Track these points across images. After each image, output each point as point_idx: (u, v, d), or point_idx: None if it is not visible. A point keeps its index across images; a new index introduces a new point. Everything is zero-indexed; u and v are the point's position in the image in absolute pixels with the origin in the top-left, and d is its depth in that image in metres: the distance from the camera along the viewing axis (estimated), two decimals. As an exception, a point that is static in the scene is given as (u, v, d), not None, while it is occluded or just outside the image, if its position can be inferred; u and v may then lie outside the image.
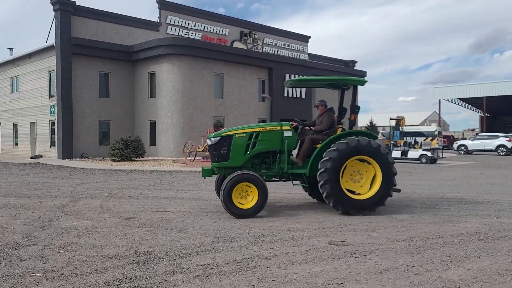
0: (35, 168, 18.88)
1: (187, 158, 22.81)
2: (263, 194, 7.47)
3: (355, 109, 8.62)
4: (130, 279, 4.28)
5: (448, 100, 50.79)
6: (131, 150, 22.25)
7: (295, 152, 8.54)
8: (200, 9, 32.56)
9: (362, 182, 7.94)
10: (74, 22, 24.37)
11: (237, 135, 8.03)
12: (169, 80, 25.17)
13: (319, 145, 8.06)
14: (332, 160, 7.52)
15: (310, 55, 39.71)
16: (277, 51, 36.96)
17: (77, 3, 24.32)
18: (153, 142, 26.12)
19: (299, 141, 8.43)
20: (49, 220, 7.31)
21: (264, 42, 36.09)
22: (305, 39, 39.89)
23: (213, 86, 26.62)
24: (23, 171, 17.42)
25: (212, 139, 8.16)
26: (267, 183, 7.90)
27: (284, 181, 8.55)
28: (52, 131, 25.34)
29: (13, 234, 6.23)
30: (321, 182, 7.55)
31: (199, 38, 31.33)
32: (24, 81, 27.95)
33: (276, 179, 8.47)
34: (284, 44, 37.78)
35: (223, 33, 33.15)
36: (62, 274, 4.43)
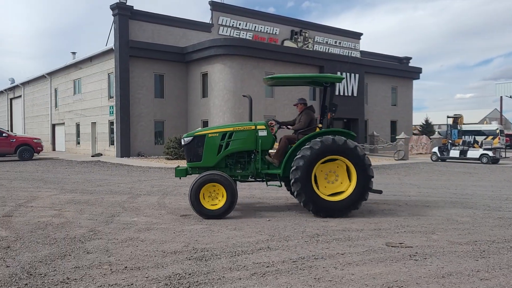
0: (96, 166, 19.85)
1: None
2: (231, 195, 7.32)
3: (332, 107, 8.17)
4: (189, 274, 4.41)
5: (510, 97, 47.95)
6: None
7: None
8: (251, 9, 32.82)
9: (337, 183, 7.68)
10: (132, 26, 25.37)
11: (210, 135, 7.95)
12: (220, 80, 25.57)
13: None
14: (304, 159, 7.31)
15: (362, 52, 38.88)
16: (328, 49, 36.51)
17: (134, 8, 25.29)
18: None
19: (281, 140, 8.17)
20: (111, 215, 7.67)
21: (315, 40, 35.77)
22: (357, 36, 39.10)
23: (264, 85, 26.72)
24: (86, 169, 18.37)
25: (185, 139, 8.11)
26: (246, 184, 7.70)
27: (260, 181, 8.32)
28: (111, 131, 26.52)
29: (79, 228, 6.59)
30: (292, 180, 7.37)
31: (250, 38, 31.56)
32: (85, 83, 29.45)
33: (252, 180, 8.31)
34: (335, 42, 37.24)
35: (274, 33, 33.20)
36: (126, 267, 4.64)
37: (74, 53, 33.38)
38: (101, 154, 26.95)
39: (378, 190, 8.11)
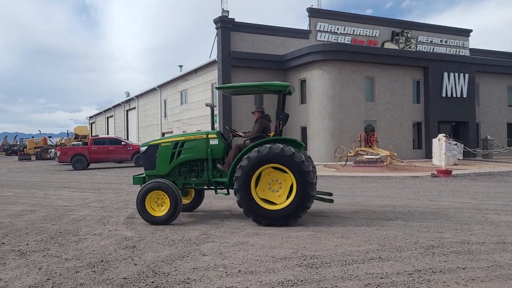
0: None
1: (338, 163, 22.72)
2: (174, 202, 7.47)
3: (280, 116, 8.01)
4: (301, 281, 4.45)
5: None
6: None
7: None
8: (348, 13, 32.28)
9: (281, 191, 7.45)
10: (233, 37, 26.46)
11: (163, 144, 8.15)
12: (319, 86, 25.48)
13: None
14: (242, 168, 7.27)
15: (472, 50, 36.02)
16: (433, 48, 34.45)
17: (235, 20, 26.36)
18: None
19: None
20: (221, 219, 8.04)
21: (418, 40, 33.99)
22: (465, 33, 36.35)
23: (364, 89, 26.05)
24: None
25: (142, 148, 8.37)
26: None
27: (212, 189, 8.25)
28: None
29: (194, 231, 7.01)
30: (234, 190, 7.39)
31: (349, 42, 31.04)
32: (191, 94, 31.34)
33: (206, 188, 8.35)
34: (441, 41, 35.01)
35: (373, 35, 32.26)
36: (240, 271, 4.83)
37: (181, 66, 35.78)
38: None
39: (328, 199, 8.21)
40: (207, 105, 9.20)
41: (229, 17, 26.35)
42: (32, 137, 49.19)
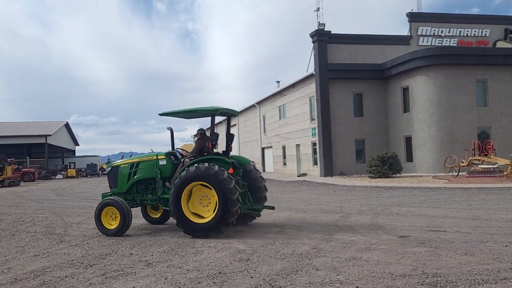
0: (303, 185, 20.97)
1: (449, 173, 21.19)
2: (123, 217, 8.37)
3: (212, 136, 8.81)
4: (426, 300, 4.20)
5: None
6: (387, 166, 22.21)
7: None
8: (453, 14, 30.34)
9: (210, 206, 8.06)
10: (330, 50, 26.35)
11: (122, 165, 9.26)
12: (423, 92, 24.17)
13: None
14: (174, 185, 8.03)
15: None
16: (557, 43, 30.77)
17: (332, 32, 26.25)
18: (409, 158, 25.40)
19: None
20: (329, 234, 7.94)
21: (537, 35, 30.65)
22: None
23: (474, 94, 24.12)
24: (294, 188, 19.59)
25: (107, 169, 9.67)
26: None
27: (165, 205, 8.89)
28: (314, 151, 27.73)
29: (303, 245, 7.01)
30: (169, 204, 8.18)
31: (455, 45, 29.09)
32: (289, 108, 31.72)
33: (159, 203, 9.17)
34: None
35: (483, 35, 29.85)
36: (357, 287, 4.71)
37: (278, 81, 36.51)
38: (306, 174, 28.36)
39: (255, 213, 8.73)
40: (167, 129, 10.10)
41: (325, 29, 26.32)
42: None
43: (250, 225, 9.27)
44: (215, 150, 9.14)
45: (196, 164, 8.02)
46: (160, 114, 9.50)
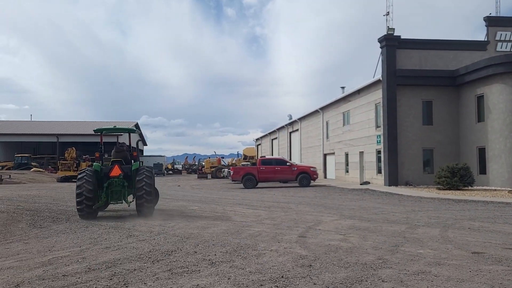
0: (366, 194, 20.42)
1: (528, 189, 19.65)
2: None
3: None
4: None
5: None
6: (458, 178, 21.03)
7: None
8: (537, 17, 28.14)
9: None
10: (399, 55, 25.51)
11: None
12: (500, 101, 22.66)
13: None
14: None
15: None
16: None
17: (401, 37, 25.42)
18: (482, 170, 23.87)
19: None
20: (395, 245, 7.66)
21: None
22: None
23: (561, 103, 22.20)
24: (357, 196, 19.13)
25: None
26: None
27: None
28: (378, 159, 26.92)
29: (367, 255, 6.82)
30: None
31: (538, 50, 27.01)
32: (353, 115, 31.09)
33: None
34: None
35: None
36: (426, 302, 4.49)
37: (343, 87, 35.91)
38: (369, 182, 27.60)
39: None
40: (138, 141, 13.01)
41: (394, 34, 25.53)
42: (209, 157, 54.83)
43: (312, 232, 9.18)
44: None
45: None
46: (95, 131, 12.86)
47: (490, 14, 27.63)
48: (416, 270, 5.85)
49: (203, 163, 51.03)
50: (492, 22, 27.09)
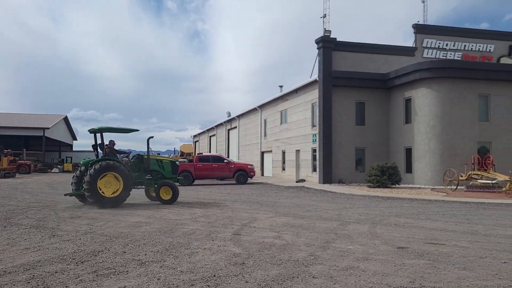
0: (302, 192, 20.85)
1: (448, 187, 21.10)
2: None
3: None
4: (424, 314, 4.09)
5: None
6: (387, 177, 22.10)
7: None
8: (459, 28, 30.32)
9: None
10: (334, 57, 26.31)
11: None
12: (426, 105, 24.11)
13: None
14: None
15: None
16: (561, 62, 30.78)
17: (337, 39, 26.22)
18: (409, 169, 25.31)
19: None
20: (327, 241, 7.83)
21: (542, 53, 30.64)
22: None
23: (477, 108, 24.06)
24: (292, 194, 19.48)
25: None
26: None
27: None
28: (314, 158, 27.63)
29: (300, 252, 6.91)
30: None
31: (459, 58, 29.09)
32: (291, 114, 31.66)
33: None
34: None
35: (487, 50, 29.85)
36: (354, 297, 4.61)
37: (281, 86, 36.47)
38: (304, 180, 28.25)
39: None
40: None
41: (331, 36, 26.30)
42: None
43: (247, 229, 9.16)
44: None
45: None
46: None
47: (418, 22, 29.33)
48: (345, 265, 6.00)
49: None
50: (420, 29, 28.77)
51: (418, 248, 7.29)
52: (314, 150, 27.57)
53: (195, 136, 74.42)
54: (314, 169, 27.48)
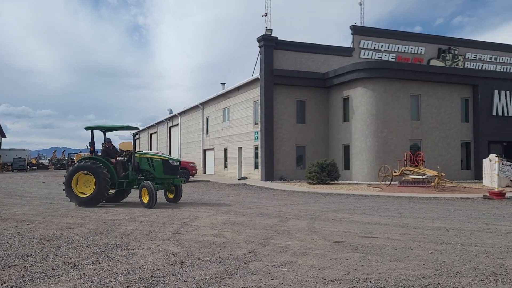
0: (243, 189, 20.96)
1: (382, 182, 22.13)
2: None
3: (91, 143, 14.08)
4: (356, 305, 4.26)
5: None
6: (326, 173, 22.77)
7: None
8: (394, 30, 31.82)
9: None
10: (276, 55, 26.65)
11: None
12: (362, 103, 25.10)
13: None
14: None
15: (524, 67, 34.52)
16: (482, 66, 33.30)
17: (278, 38, 26.57)
18: (347, 166, 26.24)
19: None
20: (266, 238, 7.93)
21: (466, 57, 32.99)
22: (517, 49, 34.94)
23: (409, 107, 25.42)
24: (234, 191, 19.53)
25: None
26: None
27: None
28: (256, 155, 27.88)
29: (240, 249, 6.94)
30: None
31: (393, 60, 30.54)
32: (233, 111, 31.69)
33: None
34: (491, 58, 33.84)
35: (419, 52, 31.60)
36: (291, 291, 4.70)
37: (223, 84, 36.32)
38: (246, 178, 28.41)
39: None
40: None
41: (272, 35, 26.61)
42: (80, 151, 51.09)
43: (187, 228, 9.07)
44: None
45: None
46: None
47: (355, 23, 30.43)
48: (284, 261, 6.11)
49: (74, 158, 47.45)
50: (357, 31, 29.88)
51: (353, 241, 7.58)
52: (256, 148, 27.81)
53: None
54: (256, 167, 27.72)
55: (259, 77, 26.54)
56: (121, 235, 8.13)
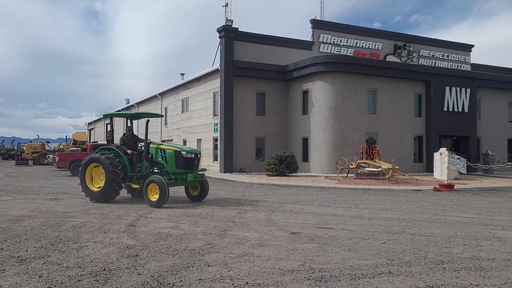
0: (202, 181, 20.76)
1: (340, 174, 22.61)
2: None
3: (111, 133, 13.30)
4: (311, 295, 4.31)
5: None
6: (285, 165, 22.96)
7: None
8: (352, 25, 32.39)
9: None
10: (236, 47, 26.48)
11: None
12: (321, 97, 25.46)
13: None
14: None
15: (473, 65, 36.15)
16: (435, 63, 34.57)
17: (239, 29, 26.41)
18: (305, 158, 26.58)
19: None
20: (224, 229, 7.90)
21: (420, 54, 34.11)
22: (467, 48, 36.50)
23: (366, 101, 26.03)
24: (193, 183, 19.30)
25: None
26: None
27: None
28: (215, 147, 27.71)
29: (197, 241, 6.87)
30: None
31: (351, 54, 31.12)
32: (192, 102, 31.30)
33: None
34: (443, 55, 35.14)
35: (376, 48, 32.35)
36: (247, 283, 4.69)
37: (182, 74, 35.80)
38: (206, 169, 28.08)
39: None
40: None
41: (233, 26, 26.41)
42: (30, 141, 49.01)
43: (143, 220, 8.88)
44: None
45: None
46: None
47: (315, 17, 30.73)
48: (241, 252, 6.10)
49: (24, 148, 45.44)
50: (317, 25, 30.17)
51: (310, 232, 7.68)
52: (215, 139, 27.64)
53: (90, 123, 70.17)
54: (216, 158, 27.58)
55: (219, 68, 26.32)
56: (73, 228, 7.85)
